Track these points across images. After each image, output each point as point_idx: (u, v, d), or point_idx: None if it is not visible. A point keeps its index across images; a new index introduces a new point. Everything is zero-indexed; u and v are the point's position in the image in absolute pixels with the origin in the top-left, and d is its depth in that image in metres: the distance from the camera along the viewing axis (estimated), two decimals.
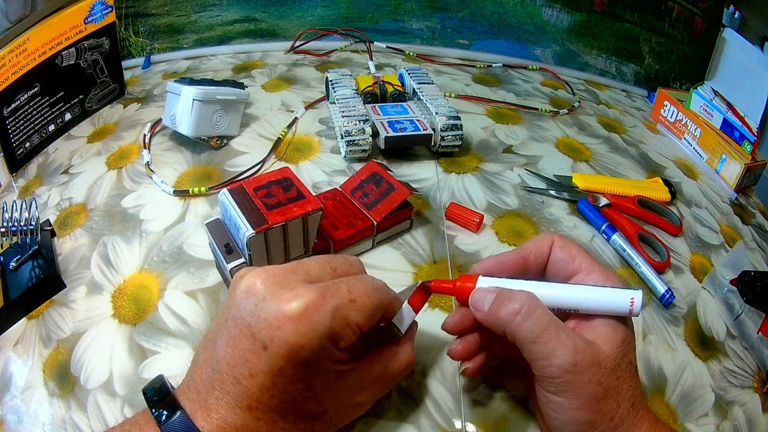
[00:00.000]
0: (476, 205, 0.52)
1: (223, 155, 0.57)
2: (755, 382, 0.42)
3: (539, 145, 0.63)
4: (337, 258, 0.30)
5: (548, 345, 0.27)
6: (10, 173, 0.57)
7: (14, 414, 0.36)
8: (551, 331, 0.27)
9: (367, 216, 0.44)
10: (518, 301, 0.28)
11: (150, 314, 0.40)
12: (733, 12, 0.73)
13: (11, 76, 0.53)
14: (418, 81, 0.63)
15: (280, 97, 0.68)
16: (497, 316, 0.29)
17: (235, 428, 0.26)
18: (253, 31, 0.83)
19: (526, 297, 0.28)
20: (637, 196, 0.55)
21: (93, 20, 0.61)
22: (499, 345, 0.33)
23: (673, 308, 0.45)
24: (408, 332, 0.32)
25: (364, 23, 0.84)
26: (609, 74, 0.85)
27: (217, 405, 0.26)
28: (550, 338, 0.27)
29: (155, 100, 0.68)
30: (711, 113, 0.69)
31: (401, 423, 0.34)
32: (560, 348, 0.27)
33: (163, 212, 0.49)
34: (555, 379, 0.27)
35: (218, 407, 0.26)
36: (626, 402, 0.28)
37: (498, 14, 0.84)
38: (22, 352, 0.39)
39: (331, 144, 0.59)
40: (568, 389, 0.27)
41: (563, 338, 0.27)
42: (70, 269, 0.45)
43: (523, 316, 0.28)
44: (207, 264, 0.44)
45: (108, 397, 0.36)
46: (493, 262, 0.32)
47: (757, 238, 0.59)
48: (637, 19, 0.80)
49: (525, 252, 0.32)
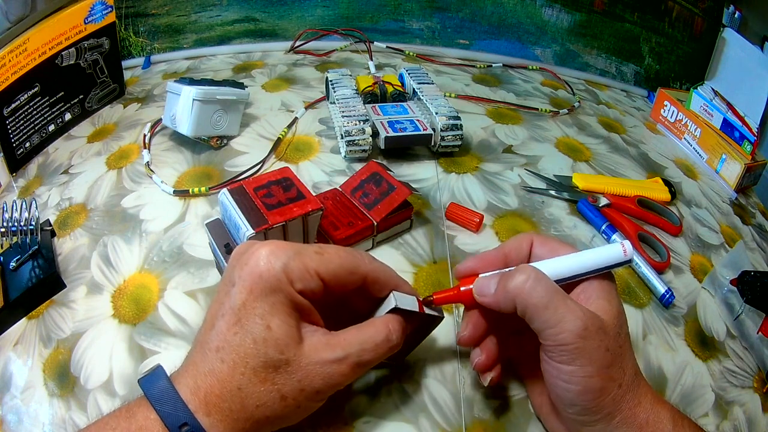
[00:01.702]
0: (476, 205, 0.52)
1: (223, 155, 0.57)
2: (755, 382, 0.42)
3: (539, 145, 0.63)
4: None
5: (558, 311, 0.28)
6: (10, 173, 0.57)
7: (14, 414, 0.36)
8: (559, 298, 0.28)
9: (367, 216, 0.44)
10: (524, 273, 0.29)
11: (150, 314, 0.40)
12: (733, 12, 0.73)
13: (11, 76, 0.53)
14: (418, 81, 0.63)
15: (280, 97, 0.68)
16: (506, 290, 0.29)
17: (203, 374, 0.27)
18: (253, 31, 0.83)
19: (530, 268, 0.30)
20: (637, 196, 0.55)
21: (93, 20, 0.61)
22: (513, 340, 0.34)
23: (673, 308, 0.45)
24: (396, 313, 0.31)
25: (364, 23, 0.84)
26: (609, 74, 0.85)
27: (193, 355, 0.28)
28: (559, 305, 0.28)
29: (155, 100, 0.68)
30: (711, 113, 0.69)
31: (401, 423, 0.34)
32: (570, 314, 0.28)
33: (163, 212, 0.49)
34: (567, 346, 0.27)
35: (194, 356, 0.28)
36: (630, 370, 0.29)
37: (498, 14, 0.84)
38: (22, 352, 0.39)
39: (331, 144, 0.59)
40: (580, 355, 0.27)
41: (571, 305, 0.28)
42: (70, 269, 0.45)
43: (532, 283, 0.29)
44: (207, 264, 0.44)
45: (108, 397, 0.36)
46: (476, 261, 0.33)
47: (757, 238, 0.59)
48: (637, 19, 0.80)
49: (506, 249, 0.33)
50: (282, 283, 0.27)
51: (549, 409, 0.33)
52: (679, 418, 0.29)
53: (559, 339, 0.28)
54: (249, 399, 0.26)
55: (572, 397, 0.28)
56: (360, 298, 0.32)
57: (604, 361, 0.28)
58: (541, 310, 0.28)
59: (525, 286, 0.29)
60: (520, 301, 0.29)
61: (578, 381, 0.28)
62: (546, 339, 0.28)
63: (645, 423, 0.28)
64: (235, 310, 0.27)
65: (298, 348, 0.27)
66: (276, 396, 0.27)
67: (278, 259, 0.27)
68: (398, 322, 0.30)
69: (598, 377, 0.28)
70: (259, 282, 0.27)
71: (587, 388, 0.28)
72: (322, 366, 0.27)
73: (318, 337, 0.28)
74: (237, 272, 0.27)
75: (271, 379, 0.27)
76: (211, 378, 0.26)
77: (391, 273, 0.32)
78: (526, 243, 0.33)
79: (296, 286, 0.27)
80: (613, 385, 0.28)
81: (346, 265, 0.29)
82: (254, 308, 0.27)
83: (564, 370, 0.28)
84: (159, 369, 0.28)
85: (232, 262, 0.29)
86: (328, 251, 0.29)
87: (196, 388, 0.26)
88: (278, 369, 0.27)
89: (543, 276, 0.29)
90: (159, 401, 0.26)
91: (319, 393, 0.28)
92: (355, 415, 0.34)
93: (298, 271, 0.27)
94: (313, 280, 0.28)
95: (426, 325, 0.35)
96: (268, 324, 0.26)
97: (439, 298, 0.33)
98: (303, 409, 0.28)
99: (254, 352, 0.26)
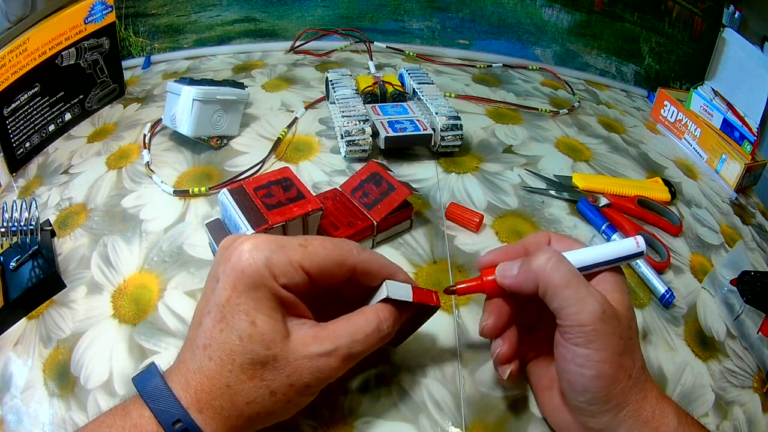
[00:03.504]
0: (476, 205, 0.52)
1: (223, 155, 0.57)
2: (755, 382, 0.42)
3: (539, 145, 0.63)
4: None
5: (580, 291, 0.28)
6: (10, 173, 0.57)
7: (14, 414, 0.36)
8: (580, 280, 0.29)
9: (367, 216, 0.44)
10: (546, 253, 0.30)
11: (150, 314, 0.40)
12: (733, 12, 0.73)
13: (11, 76, 0.53)
14: (418, 81, 0.63)
15: (280, 97, 0.68)
16: (529, 269, 0.30)
17: (193, 372, 0.27)
18: (253, 31, 0.83)
19: (552, 250, 0.31)
20: (637, 196, 0.55)
21: (93, 20, 0.61)
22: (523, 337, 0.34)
23: (673, 308, 0.45)
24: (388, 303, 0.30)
25: (364, 23, 0.84)
26: (609, 74, 0.85)
27: (183, 352, 0.28)
28: (580, 286, 0.29)
29: (155, 100, 0.68)
30: (711, 113, 0.69)
31: (401, 423, 0.34)
32: (590, 296, 0.28)
33: (163, 212, 0.49)
34: (585, 327, 0.28)
35: (183, 354, 0.28)
36: (639, 361, 0.30)
37: (498, 14, 0.84)
38: (22, 352, 0.39)
39: (331, 144, 0.59)
40: (597, 338, 0.28)
41: (590, 288, 0.29)
42: (70, 269, 0.45)
43: (555, 262, 0.29)
44: (207, 264, 0.44)
45: (108, 397, 0.36)
46: (498, 253, 0.34)
47: (757, 238, 0.59)
48: (637, 19, 0.80)
49: (526, 243, 0.34)
50: (265, 278, 0.26)
51: (556, 402, 0.33)
52: (683, 415, 0.30)
53: (578, 319, 0.28)
54: (238, 396, 0.26)
55: (585, 382, 0.28)
56: (354, 288, 0.31)
57: (618, 348, 0.28)
58: (562, 289, 0.29)
59: (547, 265, 0.29)
60: (542, 280, 0.29)
61: (592, 365, 0.28)
62: (565, 319, 0.29)
63: (651, 417, 0.29)
64: (219, 306, 0.27)
65: (285, 343, 0.27)
66: (265, 392, 0.27)
67: (261, 254, 0.27)
68: (389, 311, 0.30)
69: (611, 364, 0.28)
70: (242, 277, 0.26)
71: (600, 373, 0.28)
72: (311, 360, 0.27)
73: (305, 330, 0.28)
74: (221, 267, 0.27)
75: (259, 376, 0.26)
76: (200, 376, 0.26)
77: (383, 262, 0.31)
78: (544, 239, 0.34)
79: (280, 281, 0.27)
80: (623, 375, 0.28)
81: (333, 257, 0.28)
82: (238, 304, 0.26)
83: (579, 352, 0.28)
84: (152, 367, 0.28)
85: (217, 256, 0.28)
86: (312, 243, 0.28)
87: (186, 385, 0.26)
88: (266, 365, 0.26)
89: (564, 258, 0.30)
90: (152, 398, 0.26)
91: (310, 387, 0.28)
92: (355, 414, 0.34)
93: (282, 265, 0.27)
94: (297, 273, 0.27)
95: (422, 314, 0.34)
96: (253, 320, 0.26)
97: (463, 288, 0.33)
98: (294, 404, 0.28)
99: (240, 349, 0.26)
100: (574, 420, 0.31)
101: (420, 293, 0.32)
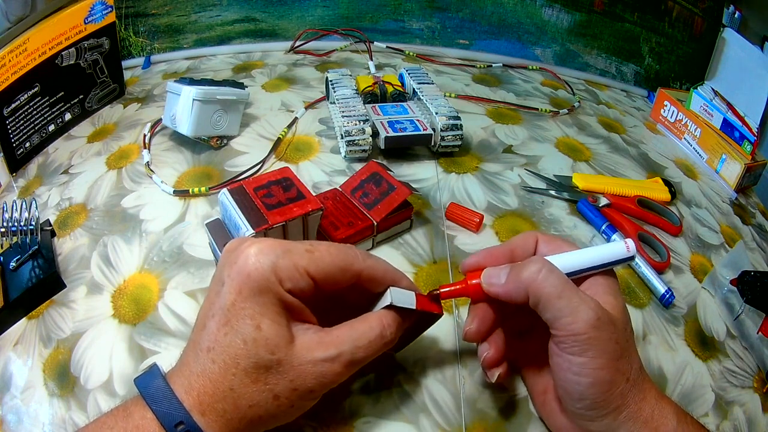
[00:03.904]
0: (476, 205, 0.52)
1: (223, 155, 0.57)
2: (755, 382, 0.42)
3: (539, 145, 0.63)
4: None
5: (572, 301, 0.28)
6: (10, 173, 0.57)
7: (14, 414, 0.36)
8: (572, 288, 0.29)
9: (367, 216, 0.44)
10: (536, 263, 0.30)
11: (150, 314, 0.40)
12: (733, 12, 0.73)
13: (11, 76, 0.53)
14: (418, 81, 0.63)
15: (280, 97, 0.68)
16: (519, 279, 0.30)
17: (196, 375, 0.27)
18: (253, 31, 0.83)
19: (542, 259, 0.30)
20: (637, 196, 0.55)
21: (93, 20, 0.61)
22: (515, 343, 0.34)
23: (673, 308, 0.45)
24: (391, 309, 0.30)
25: (364, 23, 0.84)
26: (609, 74, 0.85)
27: (186, 354, 0.28)
28: (572, 295, 0.28)
29: (155, 100, 0.68)
30: (711, 113, 0.69)
31: (401, 423, 0.34)
32: (583, 304, 0.28)
33: (163, 212, 0.49)
34: (580, 336, 0.28)
35: (186, 356, 0.28)
36: (636, 363, 0.30)
37: (498, 14, 0.84)
38: (22, 352, 0.39)
39: (331, 144, 0.59)
40: (592, 346, 0.28)
41: (583, 296, 0.29)
42: (70, 269, 0.45)
43: (546, 273, 0.29)
44: (207, 264, 0.44)
45: (108, 397, 0.36)
46: (482, 255, 0.33)
47: (757, 238, 0.59)
48: (637, 19, 0.80)
49: (512, 245, 0.34)
50: (271, 282, 0.27)
51: (553, 406, 0.33)
52: (682, 415, 0.30)
53: (572, 328, 0.28)
54: (241, 399, 0.26)
55: (582, 390, 0.28)
56: (358, 294, 0.32)
57: (614, 353, 0.28)
58: (554, 299, 0.28)
59: (538, 276, 0.29)
60: (533, 291, 0.29)
61: (589, 373, 0.28)
62: (559, 329, 0.28)
63: (650, 418, 0.29)
64: (224, 310, 0.27)
65: (289, 348, 0.27)
66: (269, 396, 0.27)
67: (267, 258, 0.27)
68: (393, 318, 0.30)
69: (608, 369, 0.28)
70: (248, 282, 0.26)
71: (597, 380, 0.28)
72: (315, 365, 0.27)
73: (310, 335, 0.28)
74: (226, 271, 0.27)
75: (263, 380, 0.26)
76: (203, 379, 0.26)
77: (388, 268, 0.31)
78: (531, 240, 0.34)
79: (285, 286, 0.27)
80: (621, 378, 0.28)
81: (338, 263, 0.29)
82: (243, 308, 0.26)
83: (575, 361, 0.28)
84: (155, 368, 0.28)
85: (222, 259, 0.28)
86: (319, 249, 0.28)
87: (189, 388, 0.26)
88: (270, 369, 0.26)
89: (555, 268, 0.29)
90: (155, 400, 0.26)
91: (313, 392, 0.28)
92: (355, 415, 0.34)
93: (287, 270, 0.27)
94: (302, 279, 0.27)
95: (424, 321, 0.34)
96: (258, 324, 0.26)
97: (446, 292, 0.33)
98: (297, 408, 0.28)
99: (245, 353, 0.26)
100: (573, 424, 0.31)
101: (423, 301, 0.32)
